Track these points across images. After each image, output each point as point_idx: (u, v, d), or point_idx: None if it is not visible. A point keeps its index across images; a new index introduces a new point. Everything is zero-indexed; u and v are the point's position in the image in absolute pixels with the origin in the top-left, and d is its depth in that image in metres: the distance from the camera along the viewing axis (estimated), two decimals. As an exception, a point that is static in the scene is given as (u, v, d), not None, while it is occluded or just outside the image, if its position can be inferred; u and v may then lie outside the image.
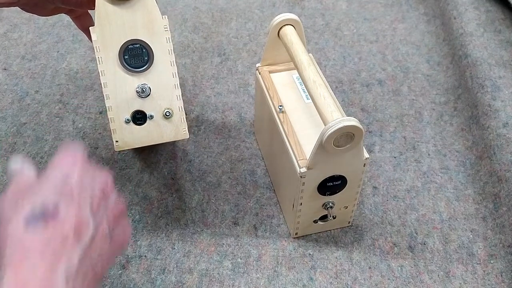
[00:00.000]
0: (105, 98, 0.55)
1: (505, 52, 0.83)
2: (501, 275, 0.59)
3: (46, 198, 0.36)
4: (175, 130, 0.57)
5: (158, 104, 0.56)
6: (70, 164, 0.40)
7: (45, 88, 0.83)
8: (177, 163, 0.72)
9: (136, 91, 0.55)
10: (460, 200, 0.67)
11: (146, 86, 0.55)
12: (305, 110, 0.61)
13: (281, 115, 0.60)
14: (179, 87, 0.57)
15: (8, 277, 0.33)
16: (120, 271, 0.59)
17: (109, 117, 0.55)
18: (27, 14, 0.98)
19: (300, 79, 0.62)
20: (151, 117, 0.56)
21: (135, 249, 0.61)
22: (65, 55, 0.90)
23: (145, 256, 0.61)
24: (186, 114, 0.78)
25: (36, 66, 0.88)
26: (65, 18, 0.97)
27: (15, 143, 0.74)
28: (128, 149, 0.73)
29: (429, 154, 0.73)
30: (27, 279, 0.33)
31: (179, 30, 0.96)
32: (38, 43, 0.92)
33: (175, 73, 0.57)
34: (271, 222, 0.65)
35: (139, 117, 0.55)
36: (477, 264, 0.60)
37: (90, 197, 0.39)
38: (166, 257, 0.61)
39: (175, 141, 0.75)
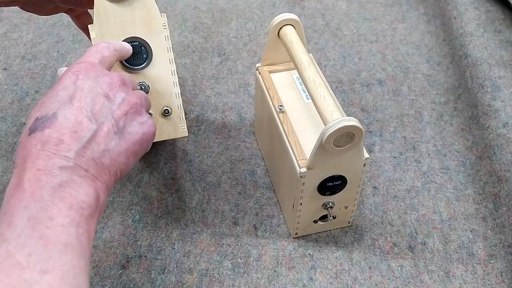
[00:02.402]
0: None
1: (505, 52, 0.83)
2: (501, 275, 0.59)
3: (48, 108, 0.41)
4: (174, 128, 0.57)
5: (157, 102, 0.56)
6: (74, 73, 0.44)
7: (45, 88, 0.83)
8: (177, 163, 0.72)
9: None
10: (460, 200, 0.67)
11: (144, 83, 0.55)
12: (305, 110, 0.61)
13: (281, 115, 0.60)
14: (178, 85, 0.57)
15: (12, 176, 0.39)
16: (120, 271, 0.59)
17: None
18: (27, 14, 0.98)
19: (300, 79, 0.62)
20: (150, 115, 0.56)
21: (135, 249, 0.61)
22: (65, 55, 0.90)
23: (145, 256, 0.61)
24: (186, 114, 0.78)
25: (36, 66, 0.88)
26: (65, 18, 0.97)
27: (15, 143, 0.74)
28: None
29: (429, 154, 0.73)
30: (26, 175, 0.38)
31: (179, 30, 0.96)
32: (38, 43, 0.92)
33: (174, 70, 0.57)
34: (271, 222, 0.65)
35: None
36: (477, 264, 0.60)
37: (92, 100, 0.43)
38: (166, 257, 0.61)
39: (175, 141, 0.75)
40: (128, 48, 0.53)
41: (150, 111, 0.56)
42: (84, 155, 0.40)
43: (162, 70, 0.56)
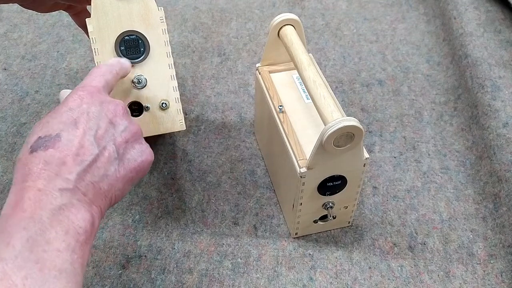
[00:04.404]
0: None
1: (505, 52, 0.83)
2: (501, 275, 0.59)
3: (51, 128, 0.41)
4: (171, 121, 0.57)
5: (155, 95, 0.56)
6: (80, 96, 0.44)
7: (45, 88, 0.83)
8: (177, 163, 0.72)
9: (132, 82, 0.55)
10: (460, 200, 0.67)
11: (142, 77, 0.55)
12: (305, 110, 0.61)
13: (281, 115, 0.60)
14: (175, 78, 0.57)
15: (11, 193, 0.38)
16: (120, 271, 0.59)
17: None
18: (27, 14, 0.98)
19: (300, 79, 0.62)
20: (147, 108, 0.56)
21: (135, 249, 0.61)
22: (65, 55, 0.90)
23: (145, 256, 0.61)
24: (186, 114, 0.78)
25: (36, 66, 0.88)
26: (65, 18, 0.97)
27: (15, 143, 0.74)
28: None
29: (429, 154, 0.73)
30: (26, 194, 0.37)
31: (179, 30, 0.96)
32: (38, 43, 0.92)
33: (171, 64, 0.57)
34: (271, 222, 0.65)
35: (135, 109, 0.56)
36: (477, 264, 0.60)
37: (96, 124, 0.43)
38: (166, 257, 0.61)
39: (175, 141, 0.75)
40: (128, 64, 0.53)
41: (148, 105, 0.56)
42: (85, 178, 0.40)
43: (159, 64, 0.56)
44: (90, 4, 0.56)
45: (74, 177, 0.39)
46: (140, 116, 0.56)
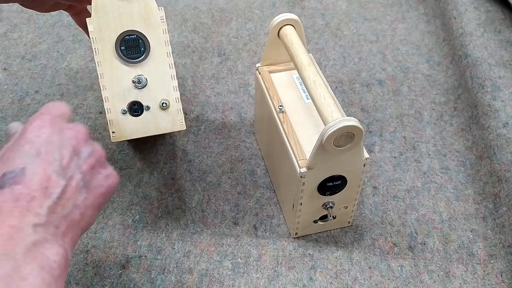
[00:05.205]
0: (101, 89, 0.55)
1: (505, 52, 0.83)
2: (501, 275, 0.59)
3: (14, 163, 0.40)
4: (171, 121, 0.57)
5: (155, 95, 0.56)
6: (38, 126, 0.42)
7: (45, 88, 0.83)
8: (177, 163, 0.72)
9: (133, 81, 0.55)
10: (460, 200, 0.68)
11: (142, 77, 0.55)
12: (305, 110, 0.61)
13: (281, 115, 0.60)
14: (175, 78, 0.57)
15: None
16: (120, 271, 0.59)
17: (105, 108, 0.55)
18: (27, 14, 0.98)
19: (300, 79, 0.62)
20: (148, 108, 0.56)
21: (135, 249, 0.61)
22: (65, 55, 0.90)
23: (145, 256, 0.61)
24: (186, 114, 0.78)
25: (36, 66, 0.88)
26: (65, 18, 0.97)
27: (15, 143, 0.74)
28: (128, 150, 0.73)
29: (429, 154, 0.73)
30: None
31: (179, 30, 0.96)
32: (38, 43, 0.92)
33: (171, 64, 0.57)
34: (271, 222, 0.65)
35: (135, 108, 0.56)
36: (477, 264, 0.61)
37: (59, 154, 0.42)
38: (166, 257, 0.61)
39: (175, 141, 0.75)
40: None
41: (148, 104, 0.56)
42: (56, 211, 0.40)
43: (160, 64, 0.56)
44: (90, 4, 0.56)
45: (45, 212, 0.39)
46: (141, 116, 0.56)
